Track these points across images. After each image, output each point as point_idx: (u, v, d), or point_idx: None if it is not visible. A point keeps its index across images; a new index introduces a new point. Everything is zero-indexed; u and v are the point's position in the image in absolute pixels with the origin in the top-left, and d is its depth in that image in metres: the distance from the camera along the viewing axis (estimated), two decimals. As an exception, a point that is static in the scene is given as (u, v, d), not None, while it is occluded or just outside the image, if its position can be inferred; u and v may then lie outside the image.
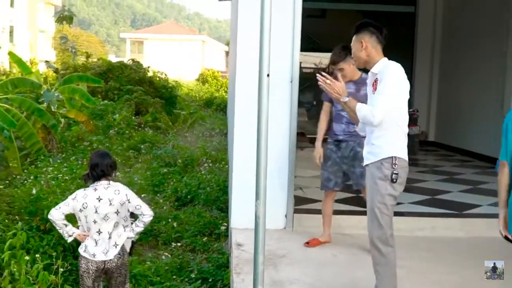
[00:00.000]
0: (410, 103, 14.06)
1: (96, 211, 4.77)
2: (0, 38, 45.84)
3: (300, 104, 21.46)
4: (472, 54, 12.47)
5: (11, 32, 54.59)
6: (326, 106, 6.21)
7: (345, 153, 6.10)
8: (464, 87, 12.90)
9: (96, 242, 4.77)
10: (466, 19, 12.95)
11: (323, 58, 21.83)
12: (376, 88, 4.25)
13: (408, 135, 12.33)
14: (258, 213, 3.16)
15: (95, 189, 4.83)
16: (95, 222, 4.78)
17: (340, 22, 16.32)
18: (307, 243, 6.04)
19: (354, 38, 4.56)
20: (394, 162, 4.14)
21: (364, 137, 4.49)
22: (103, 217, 4.78)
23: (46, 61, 22.36)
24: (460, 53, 13.15)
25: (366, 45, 4.45)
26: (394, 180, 4.15)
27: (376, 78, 4.31)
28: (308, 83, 22.64)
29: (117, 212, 4.82)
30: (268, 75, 3.14)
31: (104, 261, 4.72)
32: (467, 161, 11.72)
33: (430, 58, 14.45)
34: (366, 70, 4.77)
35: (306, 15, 16.13)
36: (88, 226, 4.80)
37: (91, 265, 4.69)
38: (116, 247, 4.79)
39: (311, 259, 5.63)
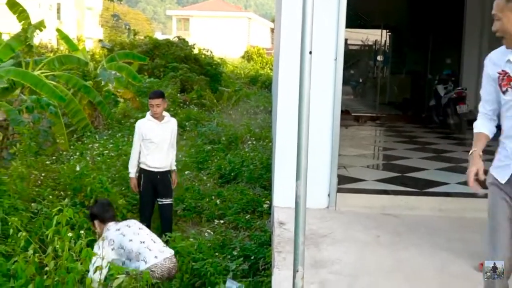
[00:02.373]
0: (458, 82, 13.85)
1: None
2: (48, 15, 46.44)
3: (346, 81, 21.29)
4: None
5: (58, 10, 55.34)
6: None
7: None
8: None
9: None
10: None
11: (369, 35, 21.53)
12: None
13: (457, 113, 12.10)
14: (298, 193, 3.10)
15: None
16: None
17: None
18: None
19: (502, 5, 3.57)
20: None
21: None
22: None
23: (100, 40, 22.62)
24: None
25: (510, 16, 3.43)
26: None
27: None
28: (355, 60, 22.43)
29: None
30: (310, 52, 3.05)
31: None
32: (517, 141, 11.39)
33: (479, 35, 14.02)
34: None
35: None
36: None
37: None
38: None
39: (354, 239, 5.54)
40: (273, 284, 4.50)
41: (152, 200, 6.98)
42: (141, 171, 6.94)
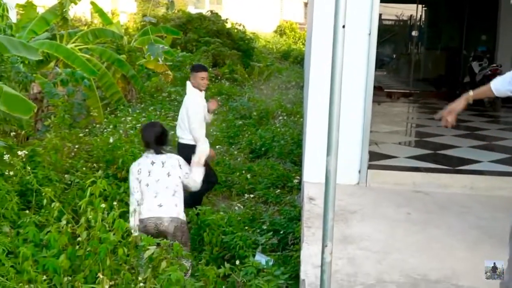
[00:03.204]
0: (493, 58, 13.59)
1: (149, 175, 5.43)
2: (82, -11, 46.67)
3: (379, 57, 21.01)
4: None
5: (93, -17, 55.51)
6: None
7: None
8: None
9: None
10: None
11: (404, 10, 21.20)
12: None
13: (491, 91, 11.85)
14: (328, 168, 3.09)
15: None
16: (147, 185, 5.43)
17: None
18: None
19: None
20: None
21: None
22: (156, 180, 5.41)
23: (144, 15, 22.66)
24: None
25: None
26: None
27: None
28: (388, 36, 22.12)
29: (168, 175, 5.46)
30: (343, 27, 3.02)
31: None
32: (552, 119, 11.21)
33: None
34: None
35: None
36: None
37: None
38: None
39: (384, 216, 5.52)
40: (302, 258, 4.52)
41: None
42: (191, 148, 6.59)
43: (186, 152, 6.47)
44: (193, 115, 6.79)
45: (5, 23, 9.69)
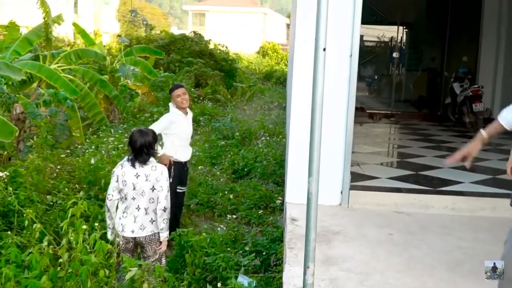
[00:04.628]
0: (475, 80, 13.75)
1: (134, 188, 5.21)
2: (65, 9, 46.66)
3: (361, 78, 21.10)
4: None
5: (75, 3, 55.48)
6: None
7: None
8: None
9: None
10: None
11: (386, 31, 21.41)
12: None
13: (473, 112, 12.04)
14: (310, 189, 3.12)
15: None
16: (133, 198, 5.20)
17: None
18: None
19: None
20: None
21: None
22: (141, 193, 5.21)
23: (118, 35, 22.77)
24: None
25: None
26: None
27: None
28: (370, 57, 22.31)
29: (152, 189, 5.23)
30: (324, 50, 3.06)
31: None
32: (533, 140, 11.32)
33: (497, 34, 13.92)
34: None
35: (369, -13, 15.80)
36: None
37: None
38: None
39: (366, 237, 5.55)
40: (284, 280, 4.51)
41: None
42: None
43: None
44: (155, 123, 7.12)
45: (-12, 44, 9.68)
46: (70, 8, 52.22)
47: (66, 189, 7.03)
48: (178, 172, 7.00)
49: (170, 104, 7.17)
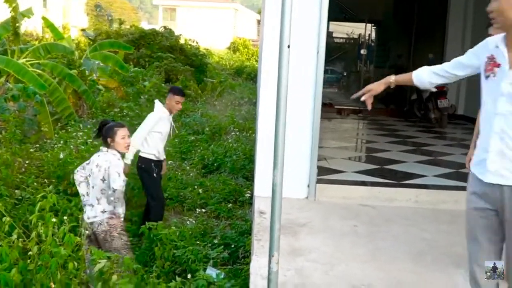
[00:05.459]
0: (441, 75, 13.99)
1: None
2: (34, 3, 46.08)
3: (331, 74, 21.20)
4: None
5: (44, -3, 54.89)
6: None
7: None
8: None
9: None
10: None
11: (355, 28, 21.67)
12: None
13: (438, 108, 12.30)
14: (275, 181, 3.22)
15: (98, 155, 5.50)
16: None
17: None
18: None
19: None
20: None
21: None
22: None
23: (82, 29, 22.66)
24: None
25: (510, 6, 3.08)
26: None
27: None
28: (339, 54, 22.56)
29: (103, 179, 5.35)
30: (288, 46, 3.16)
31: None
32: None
33: (462, 31, 14.21)
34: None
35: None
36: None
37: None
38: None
39: (331, 229, 5.68)
40: (251, 270, 4.61)
41: None
42: (150, 162, 7.03)
43: (144, 163, 6.98)
44: (144, 123, 7.05)
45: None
46: (39, 2, 51.63)
47: (35, 184, 7.05)
48: (159, 170, 7.17)
49: (157, 101, 7.31)
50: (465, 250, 5.07)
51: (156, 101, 7.30)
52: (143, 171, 7.05)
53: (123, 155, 6.00)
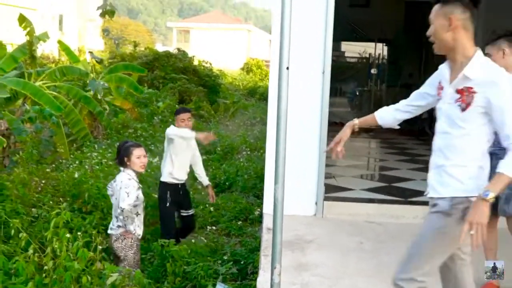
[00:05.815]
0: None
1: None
2: (50, 26, 46.83)
3: (343, 94, 21.29)
4: None
5: (60, 21, 55.75)
6: None
7: None
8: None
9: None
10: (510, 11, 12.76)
11: (366, 47, 21.86)
12: (470, 104, 3.16)
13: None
14: (276, 196, 3.39)
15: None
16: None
17: (384, 11, 16.38)
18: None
19: (436, 9, 3.33)
20: None
21: None
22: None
23: (90, 52, 23.04)
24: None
25: (456, 24, 3.20)
26: None
27: (471, 88, 3.16)
28: (351, 73, 22.72)
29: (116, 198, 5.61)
30: (287, 68, 3.35)
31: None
32: (506, 153, 11.68)
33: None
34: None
35: (350, 4, 16.11)
36: None
37: None
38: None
39: (338, 245, 5.82)
40: (258, 285, 4.78)
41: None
42: (165, 186, 6.89)
43: (161, 189, 6.92)
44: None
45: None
46: (55, 25, 52.52)
47: (51, 202, 7.22)
48: (175, 195, 6.92)
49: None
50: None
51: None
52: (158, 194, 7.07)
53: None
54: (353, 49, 22.21)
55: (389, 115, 3.91)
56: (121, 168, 5.71)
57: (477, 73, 3.13)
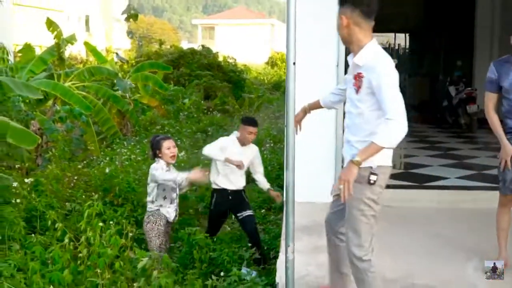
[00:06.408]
0: (471, 82, 14.29)
1: None
2: (77, 27, 47.60)
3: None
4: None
5: (87, 22, 56.58)
6: (492, 97, 5.01)
7: None
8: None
9: None
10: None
11: (389, 38, 21.94)
12: (360, 86, 3.69)
13: (467, 113, 12.54)
14: (288, 180, 3.73)
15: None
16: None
17: (399, 1, 16.51)
18: None
19: (337, 11, 4.04)
20: None
21: None
22: None
23: (116, 54, 23.55)
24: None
25: (347, 22, 3.74)
26: None
27: (360, 73, 3.69)
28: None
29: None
30: (294, 63, 3.65)
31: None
32: (525, 138, 11.82)
33: (490, 35, 14.47)
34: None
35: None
36: None
37: None
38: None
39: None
40: (277, 266, 5.12)
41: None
42: (213, 191, 6.96)
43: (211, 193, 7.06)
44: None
45: (6, 65, 10.39)
46: (82, 26, 53.32)
47: (83, 197, 7.63)
48: (221, 201, 6.94)
49: (234, 133, 7.09)
50: (477, 245, 5.50)
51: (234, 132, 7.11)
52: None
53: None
54: (378, 40, 22.29)
55: (326, 98, 4.51)
56: (157, 159, 6.17)
57: (363, 60, 3.67)
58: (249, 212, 6.94)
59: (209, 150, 6.78)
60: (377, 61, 3.63)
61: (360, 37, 3.74)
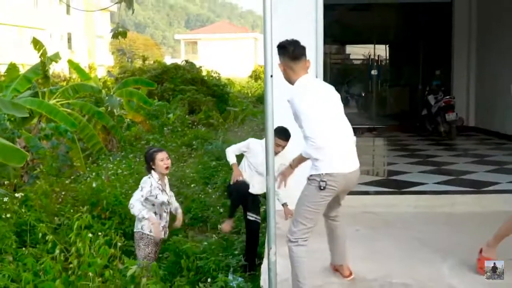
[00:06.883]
0: (450, 91, 14.60)
1: None
2: (59, 45, 47.63)
3: (350, 95, 21.51)
4: (510, 39, 12.73)
5: (69, 39, 56.61)
6: None
7: None
8: (502, 73, 13.11)
9: None
10: (501, 6, 13.21)
11: (370, 50, 22.26)
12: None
13: (446, 121, 12.86)
14: (268, 185, 3.92)
15: None
16: None
17: (378, 13, 16.87)
18: None
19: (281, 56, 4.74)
20: None
21: None
22: None
23: (108, 71, 23.78)
24: (496, 39, 13.45)
25: (282, 67, 4.67)
26: None
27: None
28: (355, 75, 23.11)
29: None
30: (271, 76, 3.87)
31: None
32: (503, 143, 12.15)
33: (467, 45, 14.86)
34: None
35: (351, 8, 16.54)
36: None
37: None
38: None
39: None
40: (262, 270, 5.32)
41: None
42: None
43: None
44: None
45: (-10, 84, 10.55)
46: (64, 44, 53.35)
47: (71, 211, 7.78)
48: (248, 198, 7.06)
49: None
50: (452, 247, 5.74)
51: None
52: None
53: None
54: (358, 51, 22.63)
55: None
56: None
57: (289, 96, 4.56)
58: (257, 219, 7.08)
59: (228, 150, 7.30)
60: (291, 95, 4.57)
61: (292, 77, 4.65)
